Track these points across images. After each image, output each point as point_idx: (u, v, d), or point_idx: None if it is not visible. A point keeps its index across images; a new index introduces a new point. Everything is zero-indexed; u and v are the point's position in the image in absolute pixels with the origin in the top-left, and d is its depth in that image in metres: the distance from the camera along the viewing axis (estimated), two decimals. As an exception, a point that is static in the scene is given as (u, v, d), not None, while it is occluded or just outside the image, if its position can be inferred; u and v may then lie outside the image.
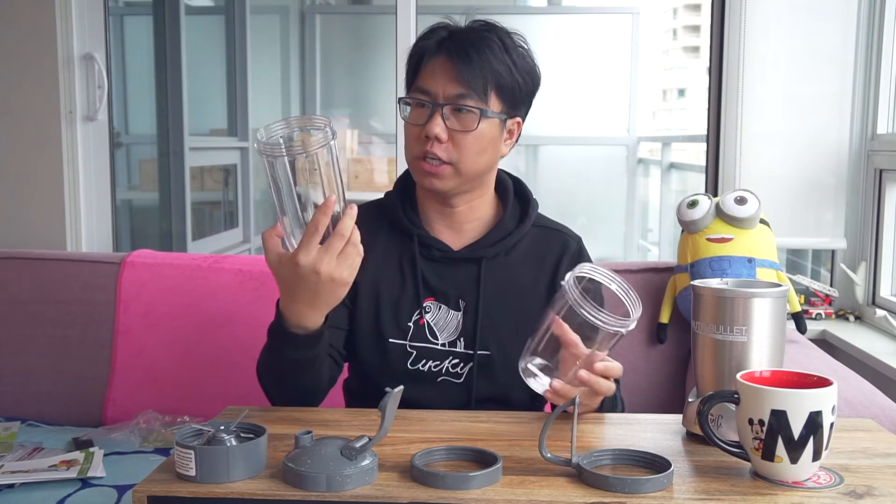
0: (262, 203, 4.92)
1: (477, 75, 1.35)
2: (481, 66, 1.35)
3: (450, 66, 1.36)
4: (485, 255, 1.44)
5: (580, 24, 5.38)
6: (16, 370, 2.13)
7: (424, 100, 1.37)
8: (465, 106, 1.36)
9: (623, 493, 0.95)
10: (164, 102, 3.78)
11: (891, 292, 2.34)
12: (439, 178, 1.38)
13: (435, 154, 1.36)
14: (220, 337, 2.07)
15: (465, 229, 1.47)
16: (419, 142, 1.37)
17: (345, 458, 0.97)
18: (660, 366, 2.01)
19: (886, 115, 2.35)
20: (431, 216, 1.47)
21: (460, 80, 1.35)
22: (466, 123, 1.37)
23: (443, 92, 1.36)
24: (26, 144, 2.44)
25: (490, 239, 1.45)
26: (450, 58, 1.36)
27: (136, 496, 0.97)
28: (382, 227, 1.48)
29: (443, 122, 1.36)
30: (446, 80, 1.36)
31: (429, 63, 1.38)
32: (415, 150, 1.39)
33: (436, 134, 1.35)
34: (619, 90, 5.14)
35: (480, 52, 1.36)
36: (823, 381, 1.00)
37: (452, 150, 1.37)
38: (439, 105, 1.36)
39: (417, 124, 1.38)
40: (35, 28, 2.41)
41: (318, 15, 5.37)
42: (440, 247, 1.45)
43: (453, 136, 1.36)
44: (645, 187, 5.40)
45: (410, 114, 1.40)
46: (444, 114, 1.36)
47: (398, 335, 1.43)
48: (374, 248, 1.45)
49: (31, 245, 2.43)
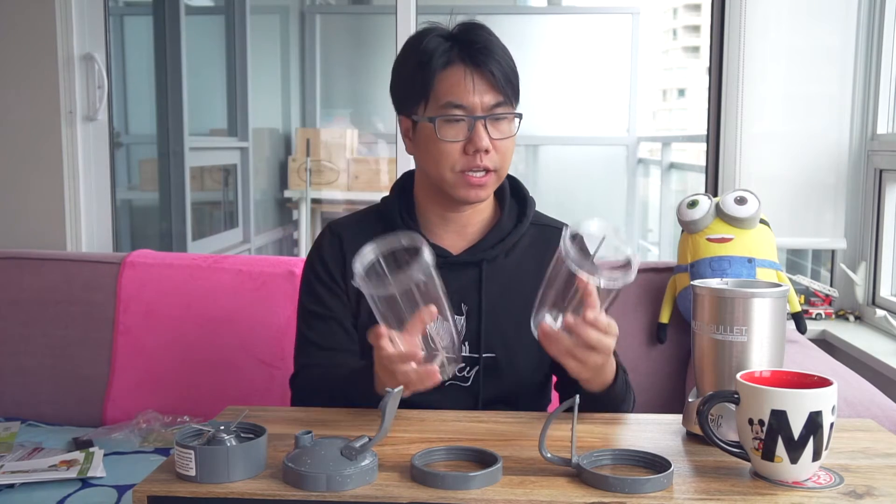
0: (261, 203, 4.93)
1: (507, 80, 1.35)
2: (506, 71, 1.35)
3: (478, 76, 1.34)
4: (485, 257, 1.43)
5: (580, 24, 5.38)
6: (16, 370, 2.13)
7: (461, 115, 1.35)
8: (505, 114, 1.36)
9: (623, 493, 0.95)
10: (164, 102, 3.78)
11: (891, 292, 2.34)
12: (485, 189, 1.38)
13: (485, 166, 1.35)
14: (220, 337, 2.07)
15: (466, 232, 1.46)
16: (463, 156, 1.35)
17: (345, 458, 0.97)
18: (660, 366, 2.01)
19: (886, 115, 2.35)
20: (432, 220, 1.46)
21: (496, 87, 1.34)
22: (506, 130, 1.37)
23: (480, 104, 1.34)
24: (26, 144, 2.44)
25: (489, 241, 1.44)
26: (475, 67, 1.34)
27: (136, 496, 0.97)
28: (380, 233, 1.47)
29: (487, 133, 1.35)
30: (482, 90, 1.34)
31: (449, 75, 1.35)
32: (458, 166, 1.36)
33: (485, 147, 1.34)
34: (619, 90, 5.14)
35: (499, 55, 1.35)
36: (823, 381, 1.00)
37: (496, 157, 1.36)
38: (480, 118, 1.34)
39: (457, 140, 1.35)
40: (35, 28, 2.41)
41: (318, 15, 5.38)
42: (440, 252, 1.43)
43: (495, 143, 1.36)
44: (645, 187, 5.40)
45: (444, 130, 1.35)
46: (485, 124, 1.34)
47: None
48: None
49: (31, 245, 2.43)
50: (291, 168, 4.88)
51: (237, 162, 4.50)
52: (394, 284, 1.10)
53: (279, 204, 5.14)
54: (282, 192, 5.04)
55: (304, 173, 4.82)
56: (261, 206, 4.90)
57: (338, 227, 1.50)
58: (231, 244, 4.39)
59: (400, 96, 1.42)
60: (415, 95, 1.38)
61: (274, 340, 2.05)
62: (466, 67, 1.34)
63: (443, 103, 1.35)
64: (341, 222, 1.52)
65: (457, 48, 1.35)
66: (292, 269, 2.09)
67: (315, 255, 1.49)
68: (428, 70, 1.35)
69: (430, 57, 1.35)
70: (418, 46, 1.38)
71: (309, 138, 4.87)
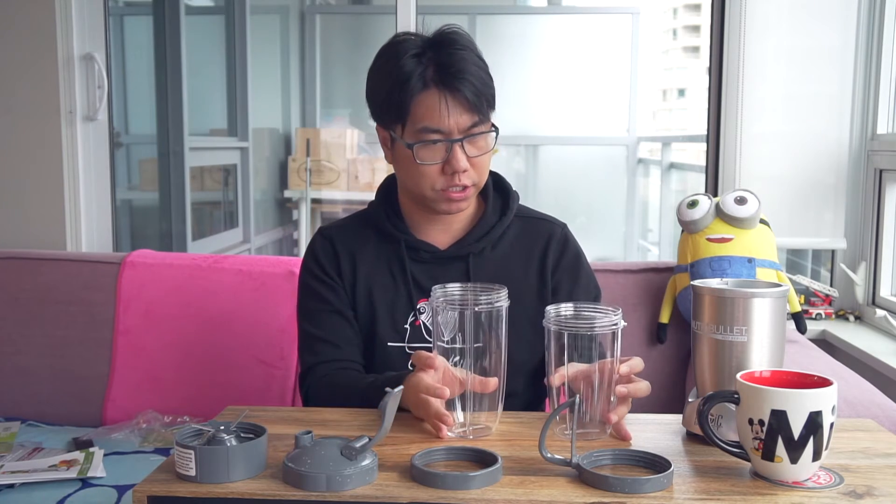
0: (261, 203, 4.92)
1: (482, 99, 1.37)
2: (479, 90, 1.36)
3: (453, 99, 1.35)
4: (471, 250, 1.47)
5: (580, 24, 5.38)
6: (16, 370, 2.13)
7: (438, 139, 1.37)
8: (481, 132, 1.38)
9: (623, 493, 0.95)
10: (164, 102, 3.78)
11: (891, 292, 2.34)
12: (466, 201, 1.42)
13: (462, 184, 1.38)
14: (220, 337, 2.07)
15: (452, 228, 1.49)
16: (441, 176, 1.38)
17: (345, 458, 0.97)
18: (660, 366, 2.01)
19: (886, 115, 2.35)
20: (417, 220, 1.49)
21: (471, 109, 1.36)
22: (483, 146, 1.40)
23: (456, 127, 1.36)
24: (26, 144, 2.44)
25: (475, 235, 1.48)
26: (449, 91, 1.35)
27: (136, 496, 0.97)
28: (370, 235, 1.51)
29: (465, 155, 1.37)
30: (457, 113, 1.35)
31: (425, 99, 1.36)
32: (438, 185, 1.39)
33: (463, 168, 1.37)
34: (619, 90, 5.15)
35: (472, 74, 1.36)
36: (823, 381, 1.00)
37: (474, 173, 1.40)
38: (457, 140, 1.36)
39: (435, 163, 1.38)
40: (35, 28, 2.41)
41: (318, 15, 5.37)
42: (427, 248, 1.47)
43: (472, 161, 1.38)
44: (645, 187, 5.41)
45: (422, 154, 1.38)
46: (462, 145, 1.37)
47: (396, 338, 1.45)
48: (365, 257, 1.49)
49: (31, 245, 2.42)
50: (291, 168, 4.89)
51: (237, 162, 4.50)
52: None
53: (279, 204, 5.14)
54: (282, 192, 5.04)
55: (304, 173, 4.82)
56: (261, 206, 4.90)
57: (328, 230, 1.54)
58: (231, 244, 4.39)
59: (377, 110, 1.44)
60: (392, 116, 1.40)
61: (274, 340, 2.05)
62: (441, 92, 1.35)
63: (419, 128, 1.37)
64: (331, 227, 1.56)
65: (431, 69, 1.36)
66: (292, 269, 2.09)
67: (310, 258, 1.52)
68: (404, 94, 1.36)
69: (407, 80, 1.36)
70: (394, 63, 1.38)
71: (309, 138, 4.87)
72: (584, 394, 1.14)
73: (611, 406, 1.15)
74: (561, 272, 1.50)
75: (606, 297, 2.02)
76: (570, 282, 1.49)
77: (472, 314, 1.16)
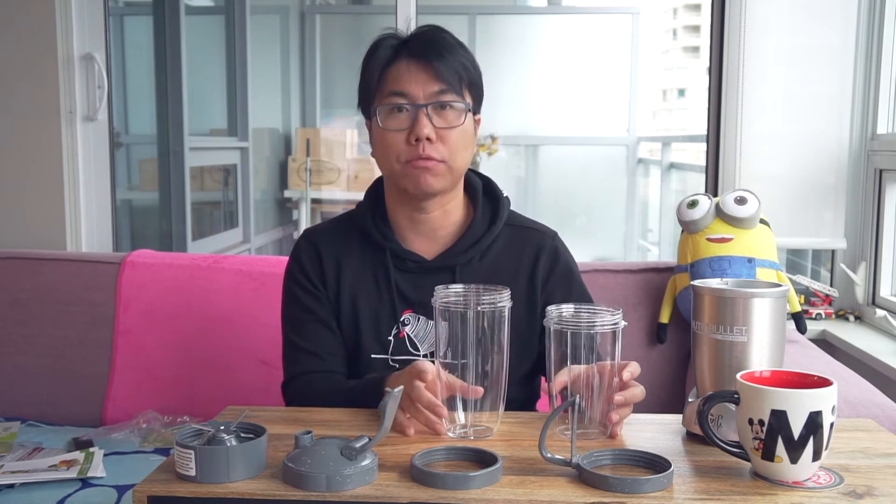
0: (261, 203, 4.92)
1: (452, 71, 1.35)
2: (453, 61, 1.35)
3: (423, 66, 1.35)
4: (458, 261, 1.43)
5: (580, 24, 5.39)
6: (16, 370, 2.13)
7: (403, 103, 1.35)
8: (450, 102, 1.36)
9: (623, 493, 0.95)
10: (164, 102, 3.78)
11: (891, 292, 2.34)
12: (434, 176, 1.37)
13: (428, 155, 1.35)
14: (220, 337, 2.07)
15: (438, 236, 1.45)
16: (406, 147, 1.35)
17: (345, 458, 0.97)
18: (660, 366, 2.01)
19: (886, 115, 2.35)
20: (403, 225, 1.45)
21: (439, 77, 1.34)
22: (452, 119, 1.36)
23: (423, 92, 1.34)
24: (26, 144, 2.44)
25: (462, 245, 1.43)
26: (420, 58, 1.35)
27: (136, 496, 0.97)
28: (355, 240, 1.47)
29: (430, 122, 1.34)
30: (424, 79, 1.34)
31: (393, 69, 1.36)
32: (403, 156, 1.36)
33: (426, 135, 1.33)
34: (619, 90, 5.15)
35: (447, 48, 1.36)
36: (823, 381, 1.00)
37: (443, 148, 1.36)
38: (423, 106, 1.34)
39: (400, 130, 1.36)
40: (35, 28, 2.41)
41: (318, 15, 5.38)
42: (413, 258, 1.43)
43: (441, 133, 1.35)
44: (645, 187, 5.41)
45: (387, 120, 1.36)
46: (429, 113, 1.34)
47: (379, 350, 1.42)
48: (350, 264, 1.45)
49: (31, 245, 2.43)
50: (291, 168, 4.89)
51: (237, 162, 4.50)
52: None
53: (279, 204, 5.14)
54: (282, 192, 5.04)
55: (304, 173, 4.82)
56: (261, 206, 4.90)
57: (312, 234, 1.51)
58: (231, 244, 4.39)
59: (361, 102, 1.44)
60: (367, 95, 1.40)
61: (274, 340, 2.03)
62: (409, 60, 1.36)
63: (386, 93, 1.36)
64: (316, 230, 1.53)
65: (408, 45, 1.38)
66: (292, 269, 2.09)
67: (294, 264, 1.49)
68: (376, 68, 1.37)
69: (379, 55, 1.38)
70: (372, 49, 1.40)
71: (309, 138, 4.87)
72: (584, 395, 1.14)
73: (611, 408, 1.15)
74: (553, 285, 1.46)
75: (606, 297, 2.02)
76: (563, 293, 1.45)
77: (475, 314, 1.15)
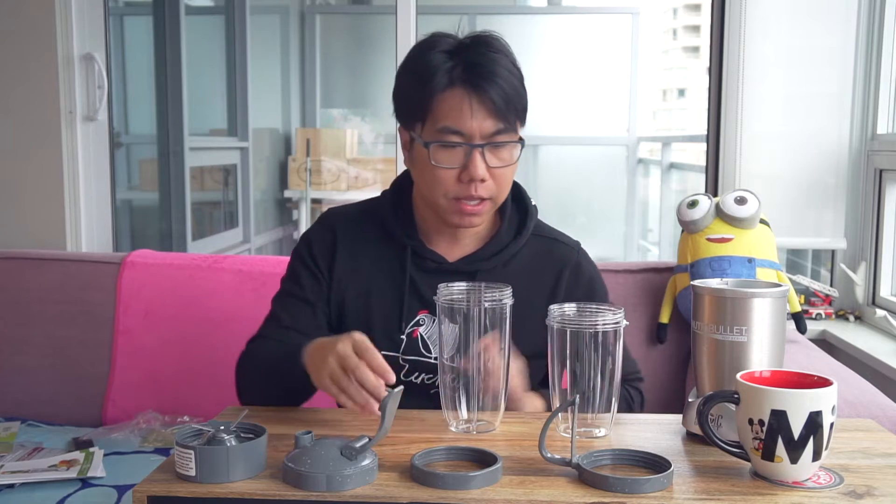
0: (261, 203, 4.92)
1: (510, 105, 1.29)
2: (509, 95, 1.29)
3: (480, 99, 1.28)
4: (480, 267, 1.40)
5: (580, 24, 5.38)
6: (16, 370, 2.13)
7: (458, 142, 1.29)
8: (506, 141, 1.31)
9: (623, 493, 0.95)
10: (164, 102, 3.78)
11: (891, 292, 2.34)
12: (479, 217, 1.34)
13: (480, 196, 1.31)
14: (220, 337, 2.07)
15: (463, 239, 1.43)
16: (457, 184, 1.31)
17: (345, 458, 0.97)
18: (660, 366, 2.01)
19: (886, 115, 2.35)
20: (428, 225, 1.42)
21: (496, 113, 1.28)
22: (506, 158, 1.32)
23: (479, 131, 1.28)
24: (26, 144, 2.44)
25: (486, 252, 1.41)
26: (477, 89, 1.28)
27: (136, 496, 0.97)
28: (375, 233, 1.44)
29: (485, 163, 1.30)
30: (482, 116, 1.28)
31: (448, 97, 1.29)
32: (451, 193, 1.31)
33: (481, 176, 1.29)
34: (619, 90, 5.15)
35: (503, 78, 1.29)
36: (823, 381, 1.00)
37: (493, 186, 1.32)
38: (479, 146, 1.29)
39: (452, 168, 1.30)
40: (35, 28, 2.41)
41: (318, 15, 5.38)
42: (434, 258, 1.40)
43: (492, 171, 1.31)
44: (645, 187, 5.41)
45: (439, 156, 1.30)
46: (483, 152, 1.29)
47: (390, 347, 1.39)
48: (367, 257, 1.42)
49: (31, 245, 2.42)
50: (291, 168, 4.89)
51: (237, 162, 4.50)
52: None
53: (279, 204, 5.14)
54: (282, 192, 5.04)
55: (304, 173, 4.82)
56: (261, 206, 4.90)
57: (334, 219, 1.47)
58: (231, 244, 4.39)
59: (399, 109, 1.38)
60: (413, 113, 1.34)
61: (274, 340, 2.04)
62: (466, 91, 1.28)
63: (440, 127, 1.30)
64: (338, 215, 1.48)
65: (459, 68, 1.29)
66: (292, 269, 2.09)
67: (303, 244, 1.46)
68: (427, 90, 1.30)
69: (432, 76, 1.29)
70: (422, 61, 1.32)
71: (309, 138, 4.87)
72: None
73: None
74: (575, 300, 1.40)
75: (606, 297, 2.02)
76: None
77: (478, 312, 1.14)
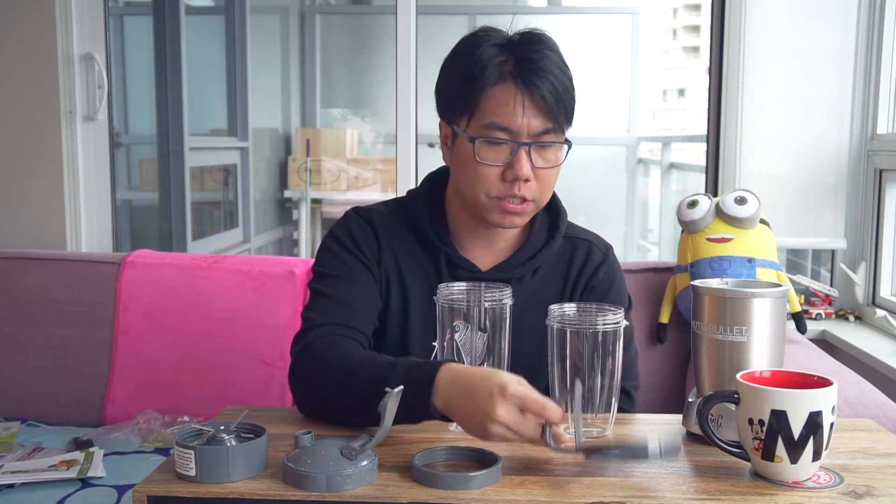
0: (261, 203, 4.93)
1: (560, 104, 1.27)
2: (560, 94, 1.26)
3: (530, 97, 1.25)
4: (514, 275, 1.37)
5: (580, 24, 5.38)
6: (16, 370, 2.13)
7: (505, 139, 1.26)
8: (553, 142, 1.28)
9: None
10: (164, 102, 3.78)
11: (891, 292, 2.34)
12: (521, 217, 1.31)
13: (522, 196, 1.28)
14: (220, 337, 2.07)
15: (496, 247, 1.40)
16: (500, 182, 1.27)
17: (345, 458, 0.97)
18: (660, 366, 2.01)
19: (886, 115, 2.35)
20: (461, 231, 1.38)
21: (546, 112, 1.25)
22: (551, 159, 1.29)
23: (527, 129, 1.25)
24: (26, 144, 2.44)
25: (519, 259, 1.38)
26: (527, 88, 1.25)
27: (136, 496, 0.97)
28: (409, 237, 1.39)
29: (530, 162, 1.27)
30: (531, 113, 1.25)
31: (497, 92, 1.26)
32: (494, 191, 1.28)
33: (525, 175, 1.26)
34: (619, 90, 5.15)
35: (555, 76, 1.26)
36: (823, 381, 1.00)
37: (536, 187, 1.29)
38: (525, 144, 1.26)
39: (496, 165, 1.27)
40: (35, 28, 2.41)
41: (318, 15, 5.37)
42: (468, 266, 1.37)
43: (537, 172, 1.28)
44: (645, 187, 5.41)
45: (484, 152, 1.27)
46: (529, 151, 1.26)
47: (421, 354, 1.36)
48: (403, 258, 1.38)
49: (31, 245, 2.43)
50: (291, 168, 4.89)
51: (237, 162, 4.50)
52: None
53: (279, 204, 5.14)
54: (282, 192, 5.04)
55: (304, 173, 4.82)
56: (261, 206, 4.90)
57: (367, 215, 1.40)
58: (231, 244, 4.39)
59: (444, 102, 1.34)
60: (459, 107, 1.30)
61: (274, 340, 2.04)
62: (518, 87, 1.25)
63: (486, 122, 1.26)
64: (370, 212, 1.41)
65: (511, 63, 1.26)
66: (292, 269, 2.09)
67: (342, 232, 1.38)
68: (477, 84, 1.26)
69: (482, 70, 1.26)
70: (471, 54, 1.29)
71: (309, 138, 4.87)
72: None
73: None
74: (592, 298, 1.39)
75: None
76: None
77: (480, 311, 1.14)
